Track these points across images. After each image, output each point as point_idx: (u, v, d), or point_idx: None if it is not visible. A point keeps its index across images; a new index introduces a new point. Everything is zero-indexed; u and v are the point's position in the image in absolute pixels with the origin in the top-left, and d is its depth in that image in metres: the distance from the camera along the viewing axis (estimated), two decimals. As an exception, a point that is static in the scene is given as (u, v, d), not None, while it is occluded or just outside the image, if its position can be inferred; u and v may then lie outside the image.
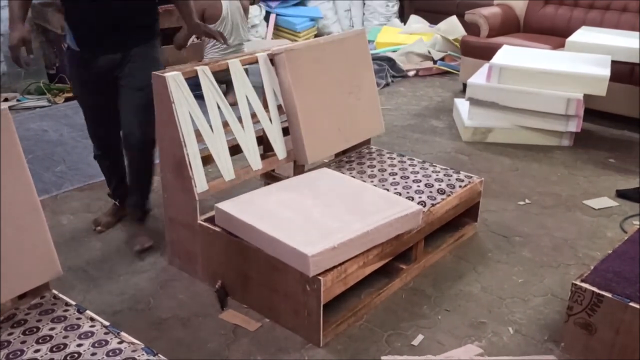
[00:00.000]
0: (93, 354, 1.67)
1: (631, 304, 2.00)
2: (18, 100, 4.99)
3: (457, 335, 2.30)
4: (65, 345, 1.70)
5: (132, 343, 1.73)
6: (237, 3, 4.73)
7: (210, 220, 2.48)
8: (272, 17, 6.65)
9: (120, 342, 1.73)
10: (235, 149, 2.65)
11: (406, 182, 2.81)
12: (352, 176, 2.87)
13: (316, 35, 6.76)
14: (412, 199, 2.67)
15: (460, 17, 5.79)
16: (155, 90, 2.38)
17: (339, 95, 2.97)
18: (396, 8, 7.36)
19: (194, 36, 4.03)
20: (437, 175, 2.90)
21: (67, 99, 4.99)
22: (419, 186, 2.78)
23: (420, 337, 2.28)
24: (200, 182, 2.44)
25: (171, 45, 4.03)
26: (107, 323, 1.82)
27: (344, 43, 3.01)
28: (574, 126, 4.00)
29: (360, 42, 3.09)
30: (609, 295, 2.04)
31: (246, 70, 2.75)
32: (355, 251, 2.26)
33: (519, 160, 3.88)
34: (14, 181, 1.81)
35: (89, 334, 1.76)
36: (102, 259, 2.77)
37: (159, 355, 1.70)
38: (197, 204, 2.45)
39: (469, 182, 2.90)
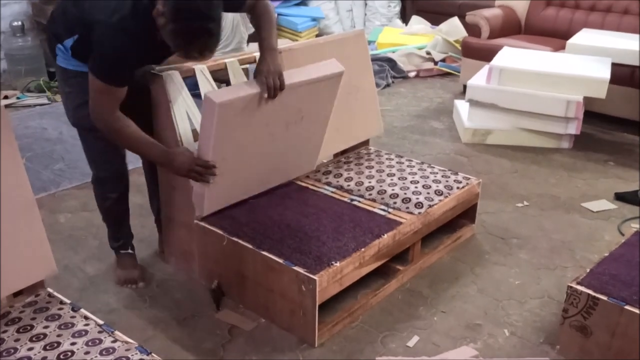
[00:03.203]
0: (86, 353, 1.67)
1: (627, 307, 2.00)
2: (18, 98, 5.00)
3: (453, 336, 2.30)
4: (59, 344, 1.71)
5: (126, 342, 1.73)
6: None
7: (207, 219, 2.48)
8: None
9: (114, 341, 1.73)
10: (232, 149, 2.65)
11: (404, 183, 2.80)
12: (350, 177, 2.87)
13: (317, 36, 6.75)
14: (410, 199, 2.67)
15: (462, 19, 5.78)
16: (152, 88, 2.38)
17: (338, 96, 2.96)
18: (398, 9, 7.36)
19: None
20: (435, 176, 2.90)
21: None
22: (416, 187, 2.77)
23: (415, 339, 2.28)
24: (197, 182, 2.43)
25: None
26: (101, 322, 1.82)
27: (343, 44, 3.01)
28: (573, 128, 4.00)
29: (359, 42, 3.09)
30: (604, 298, 2.04)
31: (245, 70, 2.74)
32: (270, 107, 2.25)
33: (518, 162, 3.88)
34: (9, 179, 1.81)
35: (83, 333, 1.76)
36: (98, 257, 2.77)
37: (153, 354, 1.70)
38: (193, 203, 2.45)
39: (467, 183, 2.90)
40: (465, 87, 4.38)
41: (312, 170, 2.88)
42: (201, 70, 2.49)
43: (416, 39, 6.30)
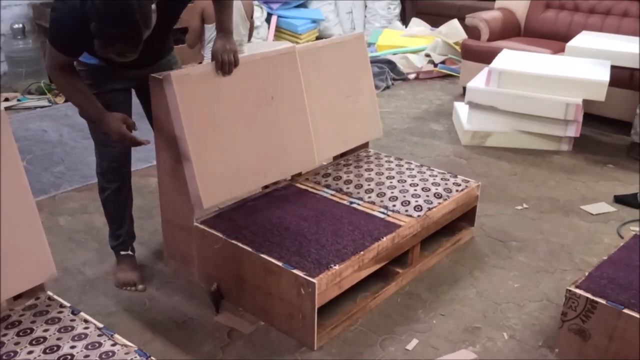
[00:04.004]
0: (86, 356, 1.67)
1: (625, 310, 2.00)
2: (18, 100, 5.00)
3: (452, 340, 2.31)
4: (59, 347, 1.71)
5: (125, 345, 1.73)
6: (238, 3, 4.73)
7: (207, 222, 2.49)
8: (274, 19, 6.66)
9: (114, 345, 1.73)
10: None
11: (403, 186, 2.81)
12: (349, 179, 2.88)
13: (317, 38, 6.77)
14: (409, 202, 2.67)
15: (462, 21, 5.80)
16: (152, 91, 2.39)
17: (337, 99, 2.97)
18: (398, 11, 7.37)
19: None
20: (434, 179, 2.91)
21: (67, 99, 5.02)
22: (415, 190, 2.78)
23: (414, 342, 2.28)
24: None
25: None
26: (100, 325, 1.82)
27: (342, 47, 3.02)
28: (572, 131, 4.01)
29: (359, 45, 3.10)
30: (603, 301, 2.04)
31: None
32: (233, 84, 2.41)
33: (517, 165, 3.88)
34: (9, 182, 1.82)
35: (83, 336, 1.76)
36: (98, 260, 2.78)
37: (152, 357, 1.71)
38: (193, 206, 2.45)
39: (466, 186, 2.90)
40: (464, 89, 4.39)
41: (313, 167, 2.89)
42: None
43: (416, 41, 6.31)
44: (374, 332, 2.34)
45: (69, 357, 1.67)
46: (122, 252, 2.65)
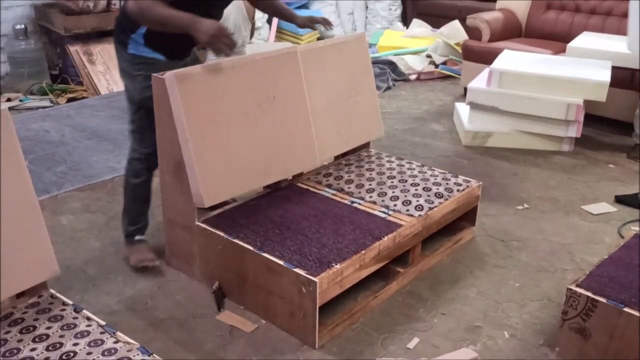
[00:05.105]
0: (88, 353, 1.69)
1: (625, 309, 2.01)
2: (20, 101, 5.02)
3: (453, 338, 2.31)
4: (61, 344, 1.72)
5: (128, 343, 1.74)
6: (240, 3, 4.75)
7: (208, 221, 2.50)
8: (275, 20, 6.67)
9: (116, 342, 1.74)
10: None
11: (404, 186, 2.82)
12: (351, 179, 2.89)
13: (318, 39, 6.77)
14: (410, 202, 2.68)
15: (463, 22, 5.80)
16: (155, 92, 2.40)
17: (339, 99, 2.98)
18: (399, 12, 7.38)
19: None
20: (435, 179, 2.91)
21: (69, 100, 5.03)
22: (416, 190, 2.79)
23: (415, 340, 2.29)
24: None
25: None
26: (103, 323, 1.83)
27: (344, 47, 3.03)
28: (573, 131, 4.01)
29: (360, 46, 3.11)
30: (603, 300, 2.05)
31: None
32: (233, 84, 2.45)
33: (518, 165, 3.89)
34: (12, 181, 1.83)
35: (85, 333, 1.77)
36: (100, 259, 2.79)
37: (154, 355, 1.72)
38: (195, 206, 2.46)
39: (467, 186, 2.91)
40: (465, 89, 4.40)
41: (314, 167, 2.91)
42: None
43: (417, 42, 6.32)
44: (375, 330, 2.35)
45: (72, 354, 1.68)
46: (137, 237, 2.69)
